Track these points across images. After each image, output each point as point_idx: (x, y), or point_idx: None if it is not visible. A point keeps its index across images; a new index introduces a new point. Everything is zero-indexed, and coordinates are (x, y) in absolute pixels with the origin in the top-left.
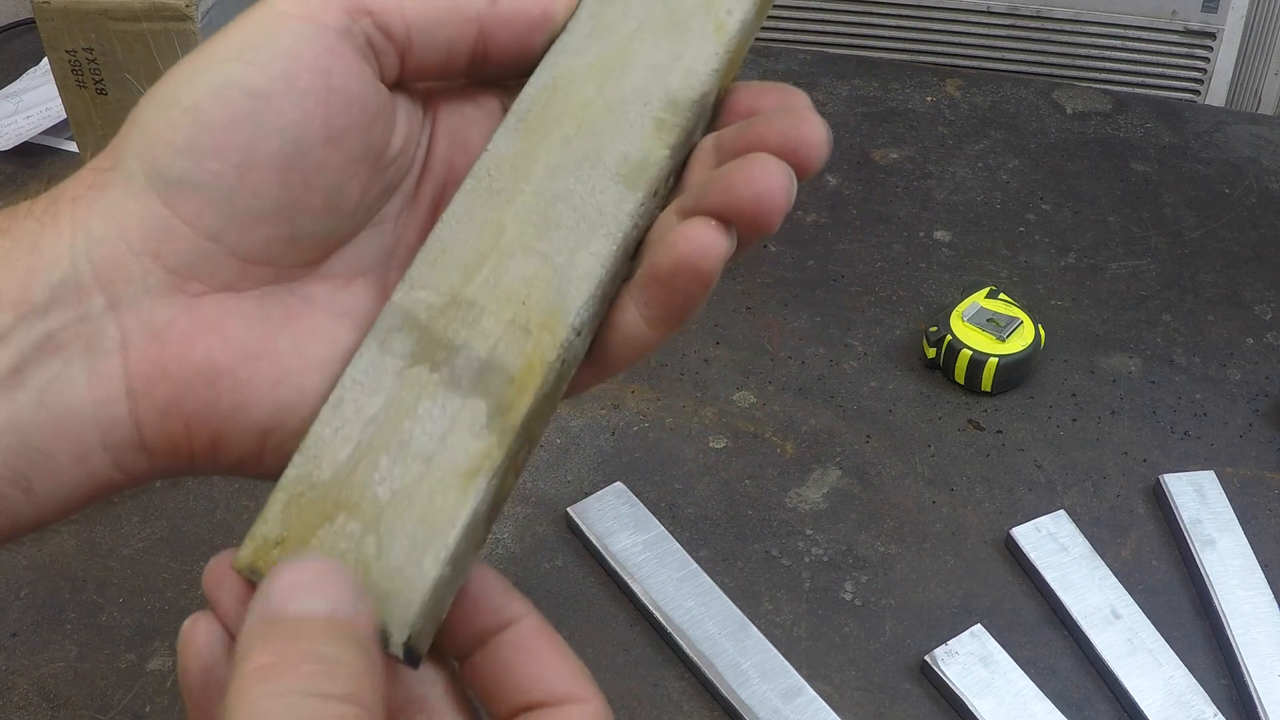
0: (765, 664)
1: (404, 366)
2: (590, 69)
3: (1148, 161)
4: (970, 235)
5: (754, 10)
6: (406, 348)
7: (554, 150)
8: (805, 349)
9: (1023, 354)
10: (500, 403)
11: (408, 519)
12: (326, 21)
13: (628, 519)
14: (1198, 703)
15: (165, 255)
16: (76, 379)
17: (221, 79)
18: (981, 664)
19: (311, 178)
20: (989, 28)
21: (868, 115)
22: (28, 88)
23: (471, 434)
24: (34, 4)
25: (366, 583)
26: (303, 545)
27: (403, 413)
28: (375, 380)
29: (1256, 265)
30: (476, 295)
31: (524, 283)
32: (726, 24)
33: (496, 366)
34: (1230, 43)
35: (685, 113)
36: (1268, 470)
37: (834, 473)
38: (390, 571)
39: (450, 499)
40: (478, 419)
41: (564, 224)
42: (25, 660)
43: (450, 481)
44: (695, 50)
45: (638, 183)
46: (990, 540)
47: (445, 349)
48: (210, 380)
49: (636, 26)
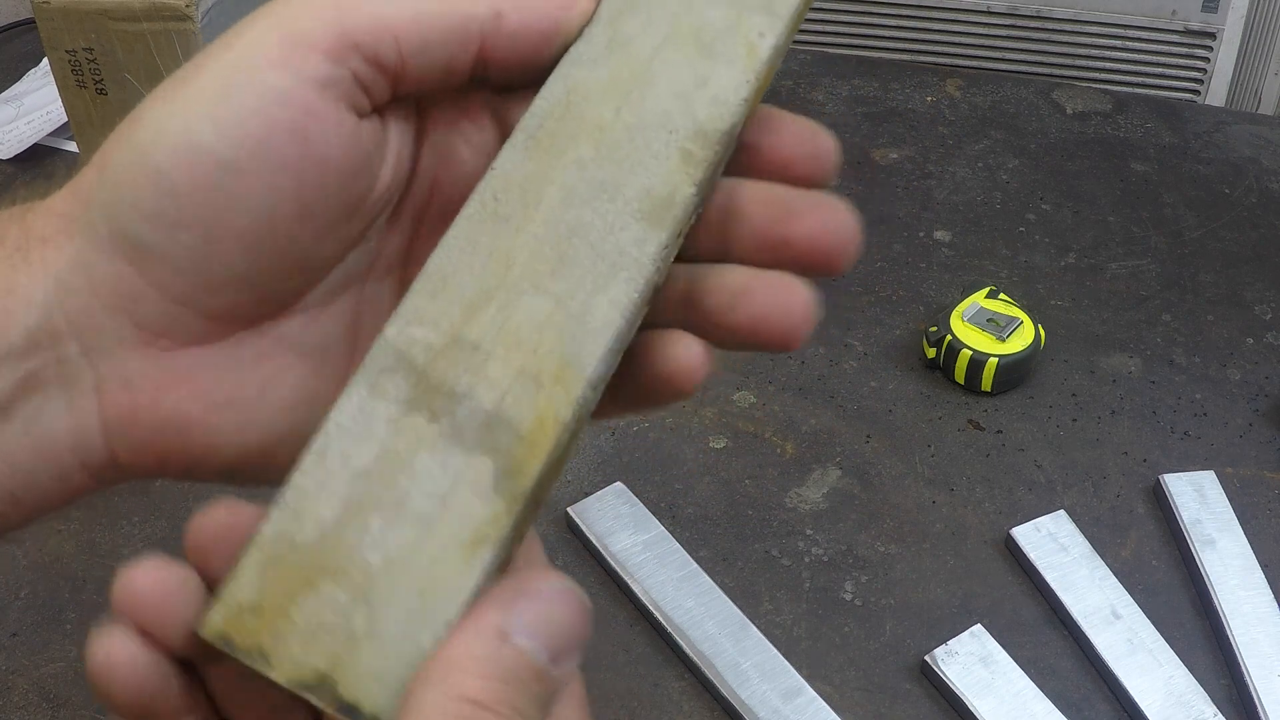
0: (765, 664)
1: (399, 414)
2: (608, 85)
3: (1148, 161)
4: (970, 235)
5: (786, 33)
6: (401, 392)
7: (568, 175)
8: (805, 349)
9: (1023, 354)
10: (510, 464)
11: (403, 590)
12: (307, 72)
13: (628, 519)
14: (1198, 703)
15: (134, 314)
16: (57, 412)
17: (190, 143)
18: (981, 664)
19: (284, 248)
20: (989, 28)
21: (868, 115)
22: (28, 90)
23: (477, 497)
24: (34, 4)
25: (355, 660)
26: (283, 615)
27: (397, 467)
28: (365, 428)
29: (1256, 265)
30: (481, 337)
31: (535, 327)
32: (758, 47)
33: (505, 421)
34: (1230, 43)
35: (714, 146)
36: (1268, 470)
37: (834, 473)
38: (382, 649)
39: (452, 570)
40: (484, 480)
41: (580, 262)
42: (25, 660)
43: (452, 550)
44: (724, 75)
45: (662, 222)
46: (990, 540)
47: (446, 396)
48: (180, 428)
49: (660, 42)
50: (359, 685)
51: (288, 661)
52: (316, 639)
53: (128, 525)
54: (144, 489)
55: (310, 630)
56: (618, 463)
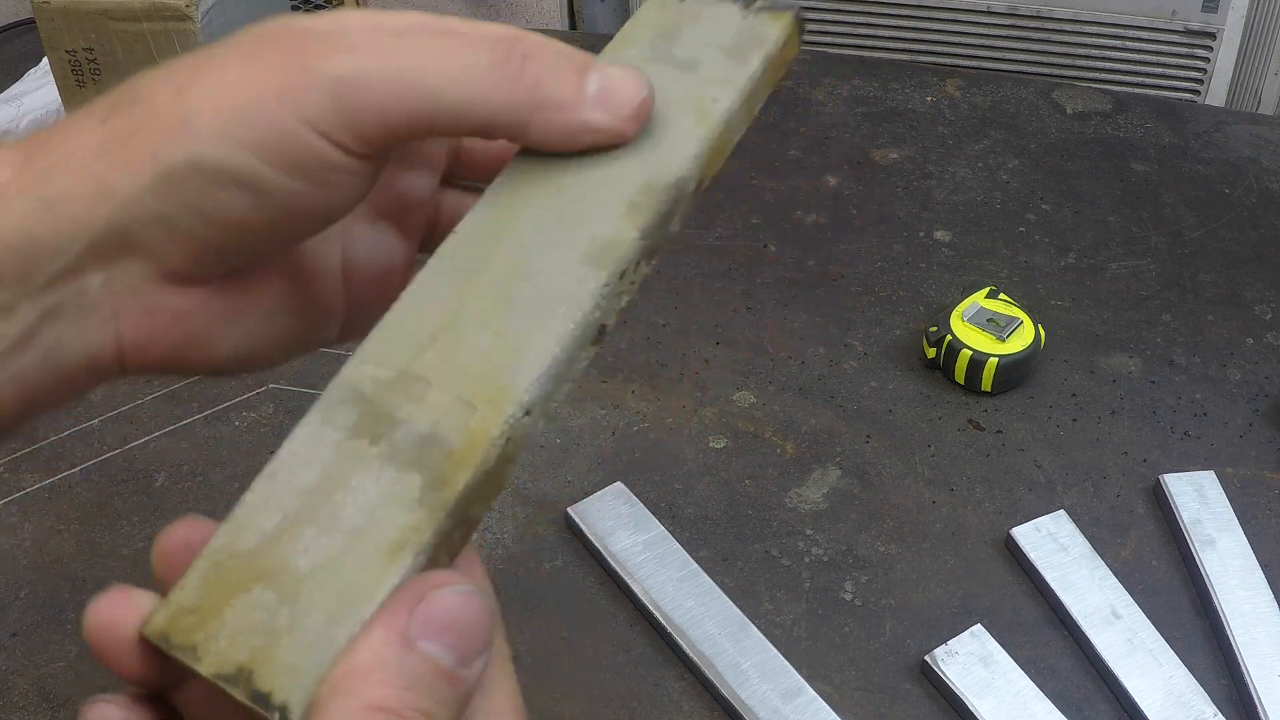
0: (765, 664)
1: (343, 439)
2: (570, 154)
3: (1148, 161)
4: (970, 235)
5: (740, 101)
6: (348, 421)
7: (523, 232)
8: (805, 349)
9: (1023, 354)
10: (436, 477)
11: (326, 593)
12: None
13: (628, 519)
14: (1198, 703)
15: (159, 262)
16: (74, 339)
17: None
18: (981, 664)
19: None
20: (989, 28)
21: (868, 115)
22: (28, 90)
23: (402, 508)
24: (34, 4)
25: (274, 654)
26: (216, 615)
27: (336, 485)
28: (312, 452)
29: (1256, 265)
30: (426, 371)
31: (476, 359)
32: (711, 111)
33: (437, 441)
34: (1230, 43)
35: (660, 195)
36: (1268, 470)
37: (834, 473)
38: (300, 645)
39: (371, 574)
40: (410, 493)
41: (525, 302)
42: (25, 660)
43: (374, 556)
44: (676, 136)
45: (604, 263)
46: (990, 540)
47: (388, 423)
48: (191, 344)
49: None
50: (274, 677)
51: (214, 656)
52: (242, 636)
53: (128, 525)
54: (144, 489)
55: (238, 628)
56: (618, 463)
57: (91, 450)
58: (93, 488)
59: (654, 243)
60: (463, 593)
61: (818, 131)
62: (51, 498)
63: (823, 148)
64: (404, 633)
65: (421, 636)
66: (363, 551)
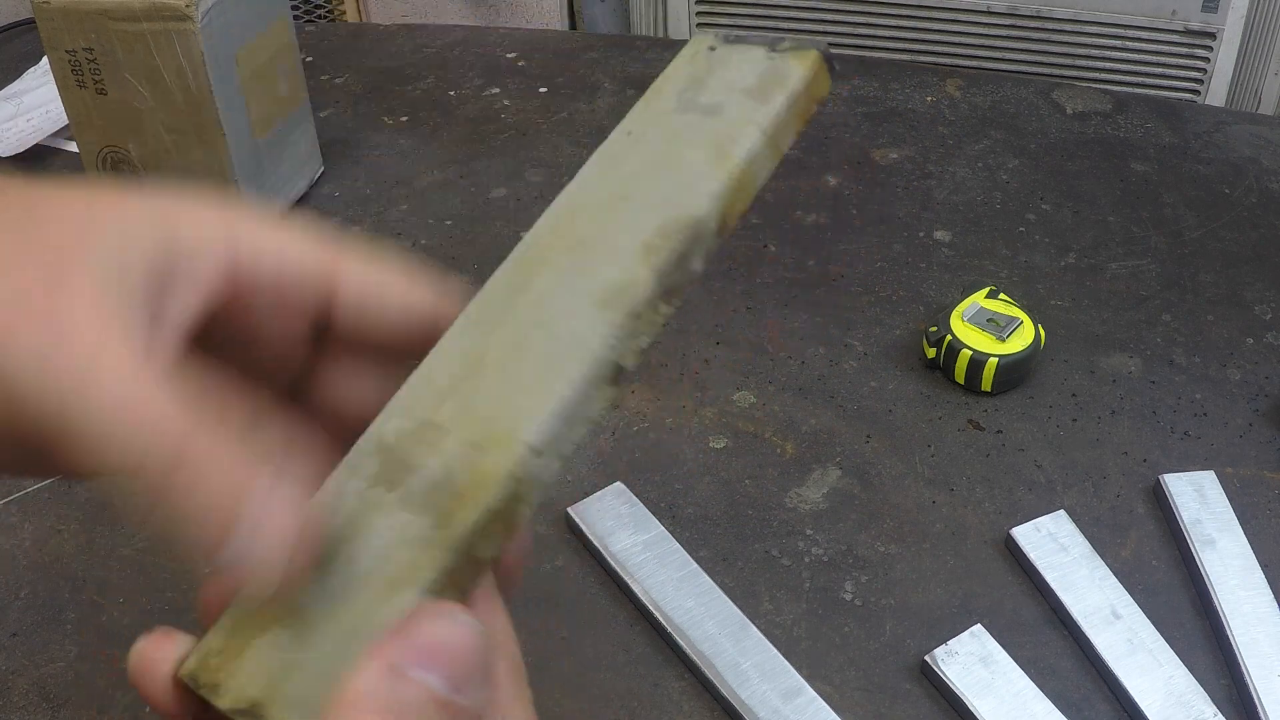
0: (765, 664)
1: (365, 488)
2: (595, 206)
3: (1148, 161)
4: (970, 235)
5: (762, 139)
6: (371, 470)
7: (542, 282)
8: (805, 349)
9: (1023, 354)
10: (443, 516)
11: (334, 630)
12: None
13: (628, 519)
14: (1198, 703)
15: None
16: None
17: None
18: (981, 664)
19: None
20: (989, 28)
21: (868, 115)
22: (28, 88)
23: (410, 547)
24: (34, 4)
25: (284, 689)
26: (238, 656)
27: (355, 530)
28: (338, 501)
29: (1256, 265)
30: (444, 419)
31: (490, 405)
32: (730, 152)
33: (447, 483)
34: (1230, 43)
35: (675, 236)
36: (1268, 470)
37: (834, 473)
38: (307, 680)
39: (376, 610)
40: (420, 533)
41: (537, 348)
42: (25, 660)
43: (380, 593)
44: (694, 177)
45: (615, 305)
46: (990, 540)
47: (405, 469)
48: None
49: (642, 164)
50: (282, 711)
51: (233, 692)
52: (259, 674)
53: (128, 525)
54: None
55: (256, 667)
56: (618, 463)
57: None
58: (93, 488)
59: (673, 283)
60: (454, 620)
61: (818, 131)
62: (51, 498)
63: (823, 148)
64: (393, 662)
65: (411, 664)
66: (371, 590)
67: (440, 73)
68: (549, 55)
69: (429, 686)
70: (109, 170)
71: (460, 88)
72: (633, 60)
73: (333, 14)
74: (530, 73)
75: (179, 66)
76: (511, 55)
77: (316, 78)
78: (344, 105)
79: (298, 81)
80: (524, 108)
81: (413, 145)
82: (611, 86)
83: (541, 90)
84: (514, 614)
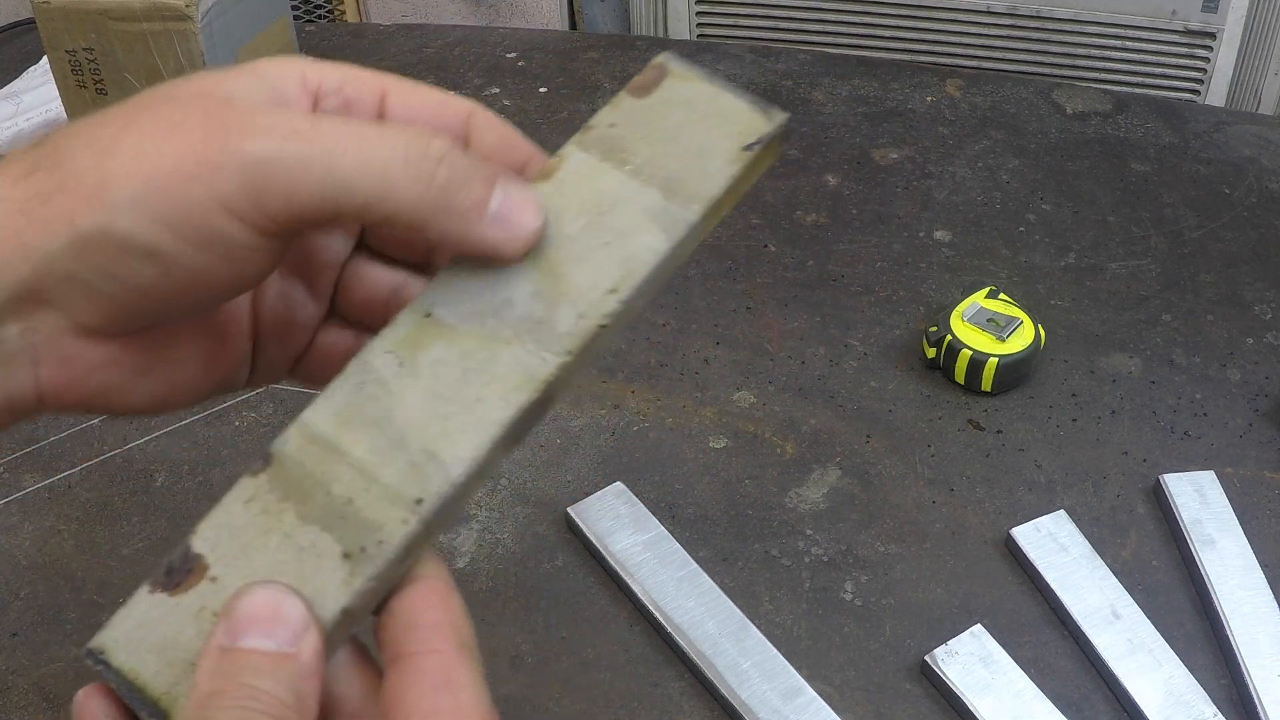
0: (765, 664)
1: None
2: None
3: (1148, 161)
4: (970, 235)
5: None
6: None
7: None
8: (805, 349)
9: (1023, 354)
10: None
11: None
12: (219, 193)
13: (628, 519)
14: (1198, 703)
15: (74, 315)
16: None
17: (142, 241)
18: (981, 664)
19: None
20: (989, 28)
21: (868, 115)
22: (28, 87)
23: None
24: (34, 4)
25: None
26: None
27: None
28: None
29: (1256, 265)
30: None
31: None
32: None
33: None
34: (1230, 43)
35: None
36: (1268, 470)
37: (834, 473)
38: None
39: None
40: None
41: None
42: (25, 660)
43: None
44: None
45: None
46: (990, 540)
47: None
48: (105, 392)
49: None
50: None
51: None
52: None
53: (127, 525)
54: (144, 488)
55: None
56: (618, 463)
57: (91, 450)
58: (93, 488)
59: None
60: (261, 589)
61: (818, 131)
62: (51, 498)
63: (823, 148)
64: (220, 644)
65: (236, 636)
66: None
67: (440, 73)
68: (549, 55)
69: (258, 647)
70: None
71: (460, 88)
72: (633, 60)
73: (333, 14)
74: (530, 73)
75: (179, 66)
76: (511, 55)
77: None
78: None
79: None
80: (524, 108)
81: None
82: (611, 86)
83: (541, 90)
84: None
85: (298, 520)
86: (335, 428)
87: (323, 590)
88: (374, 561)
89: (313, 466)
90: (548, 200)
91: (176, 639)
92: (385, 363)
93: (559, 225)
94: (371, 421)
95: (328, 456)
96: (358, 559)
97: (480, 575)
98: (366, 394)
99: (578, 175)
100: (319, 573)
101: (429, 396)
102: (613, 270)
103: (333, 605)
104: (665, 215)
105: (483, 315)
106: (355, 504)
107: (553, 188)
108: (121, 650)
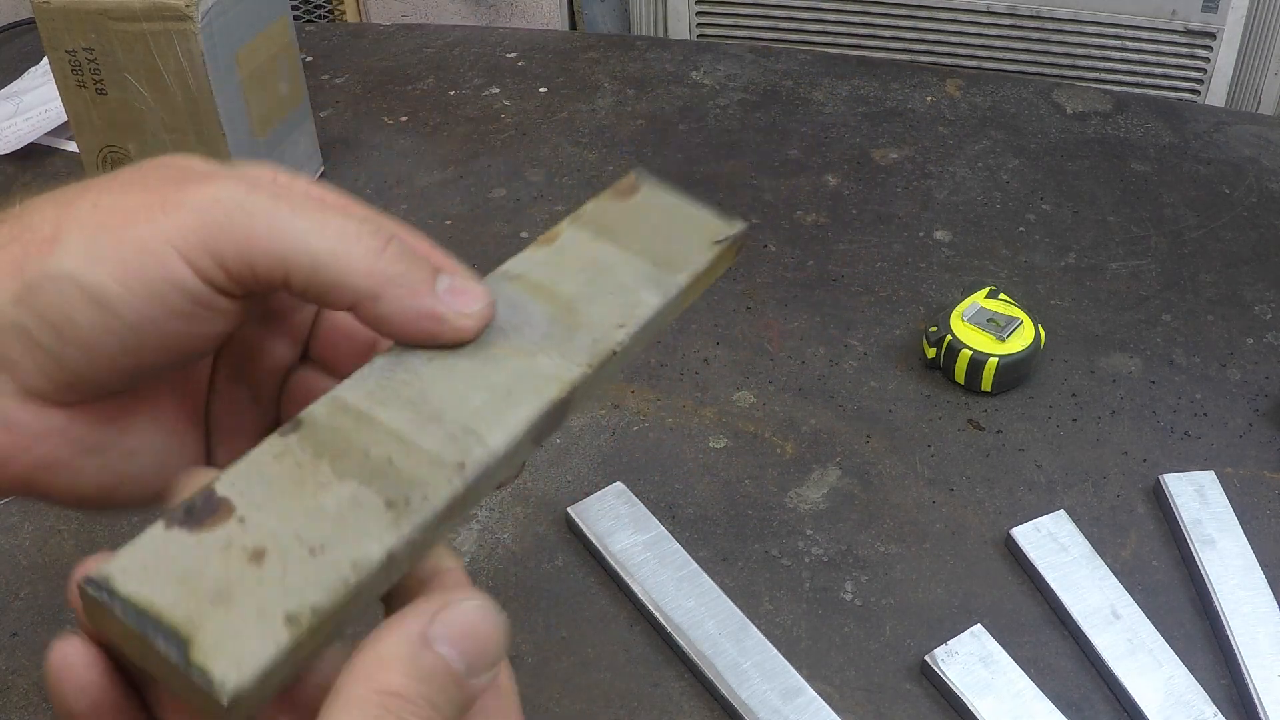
0: (765, 664)
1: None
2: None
3: (1148, 161)
4: (970, 235)
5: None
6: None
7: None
8: (805, 349)
9: (1023, 354)
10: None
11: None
12: (183, 270)
13: (628, 519)
14: (1198, 703)
15: (20, 379)
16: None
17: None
18: (981, 664)
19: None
20: (989, 28)
21: (868, 115)
22: (28, 88)
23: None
24: (34, 4)
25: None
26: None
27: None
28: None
29: (1256, 265)
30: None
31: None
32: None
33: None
34: (1230, 43)
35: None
36: (1268, 470)
37: (834, 473)
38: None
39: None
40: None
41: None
42: (25, 660)
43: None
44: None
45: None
46: (990, 540)
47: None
48: (49, 467)
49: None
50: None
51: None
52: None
53: (127, 525)
54: None
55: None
56: (618, 463)
57: None
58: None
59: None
60: (481, 607)
61: (818, 131)
62: None
63: (823, 148)
64: (424, 633)
65: (439, 639)
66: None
67: (440, 73)
68: (549, 55)
69: (449, 662)
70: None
71: (460, 88)
72: (633, 60)
73: (333, 14)
74: (530, 73)
75: (179, 66)
76: (511, 55)
77: (316, 78)
78: (344, 105)
79: (298, 81)
80: (524, 108)
81: (413, 145)
82: (611, 86)
83: (541, 90)
84: (514, 614)
85: (334, 475)
86: (368, 403)
87: (365, 533)
88: (420, 512)
89: (348, 431)
90: (551, 259)
91: (201, 571)
92: (414, 356)
93: (564, 279)
94: (406, 401)
95: (362, 424)
96: (402, 509)
97: (480, 575)
98: (398, 379)
99: (576, 243)
100: (360, 519)
101: (462, 385)
102: (618, 311)
103: (377, 549)
104: (656, 279)
105: (505, 331)
106: (395, 464)
107: (554, 251)
108: (133, 580)
